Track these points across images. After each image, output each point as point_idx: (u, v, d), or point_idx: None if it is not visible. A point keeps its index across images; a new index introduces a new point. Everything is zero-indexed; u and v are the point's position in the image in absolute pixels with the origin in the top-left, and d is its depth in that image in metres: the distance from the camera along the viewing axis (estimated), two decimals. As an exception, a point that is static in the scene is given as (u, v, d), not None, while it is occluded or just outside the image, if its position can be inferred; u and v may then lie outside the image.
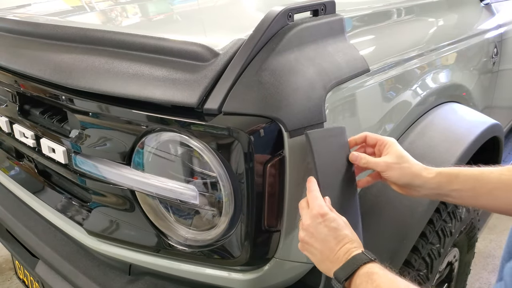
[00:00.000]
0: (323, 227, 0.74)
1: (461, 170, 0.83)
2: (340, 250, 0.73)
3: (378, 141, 0.89)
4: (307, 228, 0.76)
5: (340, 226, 0.75)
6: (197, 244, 0.94)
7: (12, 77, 1.15)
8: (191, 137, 0.83)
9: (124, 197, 0.98)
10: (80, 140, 0.99)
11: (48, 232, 1.22)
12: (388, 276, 0.67)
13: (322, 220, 0.75)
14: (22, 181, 1.34)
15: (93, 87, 0.92)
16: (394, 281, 0.66)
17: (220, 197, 0.86)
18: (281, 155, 0.83)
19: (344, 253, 0.72)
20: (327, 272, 0.75)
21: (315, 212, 0.76)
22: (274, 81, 0.82)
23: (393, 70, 1.13)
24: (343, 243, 0.73)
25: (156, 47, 0.91)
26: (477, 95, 1.59)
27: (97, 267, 1.09)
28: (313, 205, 0.77)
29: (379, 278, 0.66)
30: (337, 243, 0.73)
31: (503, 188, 0.78)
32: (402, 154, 0.85)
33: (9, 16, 1.33)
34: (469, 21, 1.63)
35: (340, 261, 0.72)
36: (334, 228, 0.74)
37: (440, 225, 1.21)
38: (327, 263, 0.74)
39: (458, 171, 0.83)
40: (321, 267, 0.76)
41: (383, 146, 0.88)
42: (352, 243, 0.73)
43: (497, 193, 0.79)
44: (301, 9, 0.91)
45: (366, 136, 0.90)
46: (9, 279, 2.25)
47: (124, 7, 1.67)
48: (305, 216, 0.77)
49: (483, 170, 0.82)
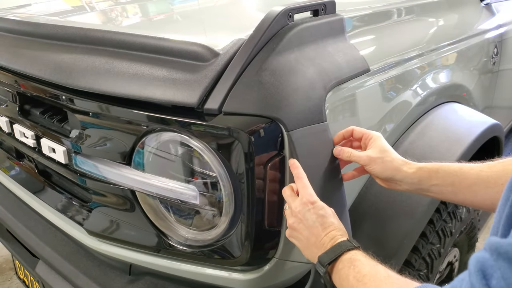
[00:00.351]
0: (312, 214, 0.77)
1: (441, 165, 0.84)
2: (326, 236, 0.75)
3: (364, 134, 0.91)
4: (296, 215, 0.78)
5: (328, 214, 0.77)
6: (197, 244, 0.94)
7: (13, 77, 1.16)
8: (192, 137, 0.83)
9: (124, 197, 0.98)
10: (80, 140, 0.99)
11: (49, 232, 1.22)
12: (370, 263, 0.69)
13: (312, 207, 0.77)
14: (22, 181, 1.34)
15: (93, 87, 0.92)
16: (375, 268, 0.67)
17: (221, 197, 0.86)
18: (281, 155, 0.84)
19: (329, 239, 0.74)
20: (311, 257, 0.77)
21: (305, 200, 0.78)
22: (274, 81, 0.82)
23: (393, 70, 1.13)
24: (329, 230, 0.75)
25: (156, 47, 0.91)
26: (477, 95, 1.59)
27: (97, 267, 1.09)
28: (303, 193, 0.79)
29: (361, 264, 0.68)
30: (324, 229, 0.75)
31: (482, 184, 0.80)
32: (385, 148, 0.87)
33: (9, 16, 1.33)
34: (469, 21, 1.63)
35: (325, 247, 0.74)
36: (322, 216, 0.77)
37: (440, 225, 1.21)
38: (313, 249, 0.76)
39: (438, 166, 0.84)
40: (306, 253, 0.79)
41: (368, 139, 0.90)
42: (338, 231, 0.75)
43: (475, 188, 0.81)
44: (301, 9, 0.91)
45: (353, 130, 0.92)
46: (9, 279, 2.26)
47: (124, 7, 1.67)
48: (294, 203, 0.79)
49: (463, 166, 0.84)
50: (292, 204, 0.79)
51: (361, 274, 0.67)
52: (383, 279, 0.65)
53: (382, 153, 0.87)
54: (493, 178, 0.79)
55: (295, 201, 0.79)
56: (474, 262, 0.45)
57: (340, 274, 0.70)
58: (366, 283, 0.65)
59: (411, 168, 0.85)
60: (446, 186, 0.83)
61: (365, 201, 1.06)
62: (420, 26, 1.36)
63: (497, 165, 0.81)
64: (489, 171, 0.80)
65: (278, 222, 0.88)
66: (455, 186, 0.82)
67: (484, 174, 0.80)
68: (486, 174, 0.80)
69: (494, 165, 0.81)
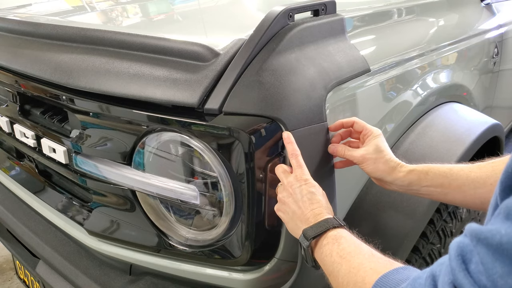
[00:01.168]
0: (303, 189, 0.78)
1: (432, 167, 0.85)
2: (312, 211, 0.76)
3: (364, 129, 0.91)
4: (287, 189, 0.79)
5: (318, 192, 0.79)
6: (197, 244, 0.94)
7: (13, 77, 1.16)
8: (192, 137, 0.83)
9: (124, 197, 0.98)
10: (80, 140, 0.99)
11: (49, 232, 1.22)
12: (354, 241, 0.69)
13: (304, 183, 0.78)
14: (22, 181, 1.34)
15: (93, 87, 0.92)
16: (359, 246, 0.68)
17: (221, 197, 0.86)
18: (282, 155, 0.84)
19: (316, 215, 0.75)
20: (295, 231, 0.78)
21: (299, 177, 0.79)
22: (274, 81, 0.82)
23: (393, 70, 1.13)
24: (316, 206, 0.76)
25: (157, 47, 0.91)
26: (477, 95, 1.59)
27: (97, 267, 1.09)
28: (297, 172, 0.80)
29: (346, 242, 0.69)
30: (311, 204, 0.76)
31: (471, 184, 0.81)
32: (381, 149, 0.87)
33: (9, 16, 1.33)
34: (469, 21, 1.63)
35: (310, 221, 0.75)
36: (312, 193, 0.78)
37: (440, 225, 1.21)
38: (297, 222, 0.77)
39: (428, 168, 0.85)
40: (290, 226, 0.79)
41: (366, 136, 0.90)
42: (325, 209, 0.76)
43: (465, 189, 0.82)
44: (301, 9, 0.91)
45: (354, 122, 0.91)
46: (9, 279, 2.26)
47: (124, 7, 1.67)
48: (287, 179, 0.80)
49: (453, 167, 0.85)
50: (285, 180, 0.80)
51: (345, 251, 0.67)
52: (367, 257, 0.65)
53: (376, 154, 0.87)
54: (482, 179, 0.80)
55: (288, 177, 0.80)
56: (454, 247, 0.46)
57: (324, 250, 0.71)
58: (350, 260, 0.66)
59: (401, 171, 0.86)
60: (436, 187, 0.84)
61: (365, 201, 1.06)
62: (420, 26, 1.36)
63: (487, 165, 0.82)
64: (478, 172, 0.81)
65: (278, 222, 0.88)
66: (445, 187, 0.83)
67: (474, 175, 0.81)
68: (476, 175, 0.81)
69: (484, 166, 0.82)
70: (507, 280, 0.39)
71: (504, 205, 0.42)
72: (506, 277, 0.39)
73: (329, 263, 0.69)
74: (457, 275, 0.44)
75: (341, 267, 0.66)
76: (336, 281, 0.66)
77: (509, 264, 0.39)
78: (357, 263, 0.64)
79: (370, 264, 0.63)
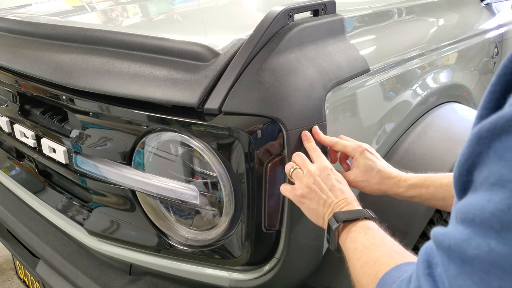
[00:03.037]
0: (332, 178, 0.79)
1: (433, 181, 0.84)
2: (345, 200, 0.76)
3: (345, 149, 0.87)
4: (313, 176, 0.78)
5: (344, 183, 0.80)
6: (197, 244, 0.94)
7: (13, 77, 1.16)
8: (192, 137, 0.83)
9: (124, 197, 0.98)
10: (80, 140, 0.99)
11: (49, 232, 1.22)
12: (380, 234, 0.70)
13: (331, 172, 0.80)
14: (22, 181, 1.34)
15: (93, 87, 0.92)
16: (383, 239, 0.68)
17: (221, 197, 0.86)
18: (281, 155, 0.84)
19: (348, 203, 0.76)
20: (319, 217, 0.78)
21: (324, 165, 0.80)
22: (274, 81, 0.82)
23: (393, 70, 1.13)
24: (349, 195, 0.78)
25: (157, 47, 0.91)
26: (478, 95, 1.59)
27: (97, 267, 1.09)
28: (322, 160, 0.81)
29: (373, 233, 0.70)
30: (342, 193, 0.77)
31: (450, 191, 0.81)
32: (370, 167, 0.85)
33: (9, 16, 1.33)
34: (469, 21, 1.63)
35: (341, 207, 0.75)
36: (341, 183, 0.80)
37: (441, 225, 1.21)
38: (326, 208, 0.77)
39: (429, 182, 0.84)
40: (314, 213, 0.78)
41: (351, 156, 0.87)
42: (355, 201, 0.77)
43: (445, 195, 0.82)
44: (301, 9, 0.91)
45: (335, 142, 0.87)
46: (9, 279, 2.26)
47: (124, 7, 1.67)
48: (311, 166, 0.80)
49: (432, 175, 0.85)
50: (309, 167, 0.79)
51: (369, 242, 0.68)
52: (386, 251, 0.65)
53: (366, 174, 0.85)
54: None
55: (311, 165, 0.80)
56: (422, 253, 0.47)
57: (349, 236, 0.71)
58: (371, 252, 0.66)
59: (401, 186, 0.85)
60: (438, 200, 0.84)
61: (365, 201, 1.05)
62: (420, 26, 1.36)
63: None
64: None
65: (278, 222, 0.88)
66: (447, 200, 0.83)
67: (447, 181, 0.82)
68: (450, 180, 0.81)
69: None
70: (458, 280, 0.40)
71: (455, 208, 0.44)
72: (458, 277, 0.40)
73: (351, 249, 0.69)
74: (421, 279, 0.45)
75: (361, 255, 0.66)
76: (354, 268, 0.66)
77: (460, 265, 0.40)
78: (376, 256, 0.64)
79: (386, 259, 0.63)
